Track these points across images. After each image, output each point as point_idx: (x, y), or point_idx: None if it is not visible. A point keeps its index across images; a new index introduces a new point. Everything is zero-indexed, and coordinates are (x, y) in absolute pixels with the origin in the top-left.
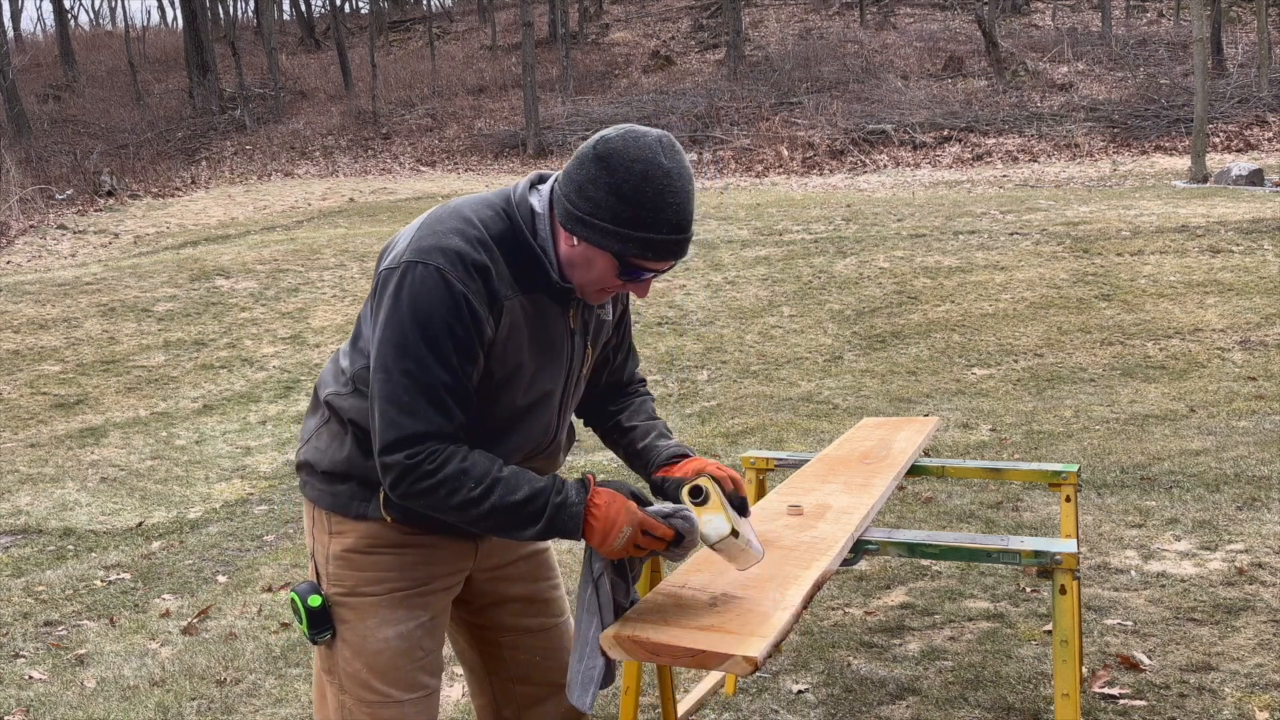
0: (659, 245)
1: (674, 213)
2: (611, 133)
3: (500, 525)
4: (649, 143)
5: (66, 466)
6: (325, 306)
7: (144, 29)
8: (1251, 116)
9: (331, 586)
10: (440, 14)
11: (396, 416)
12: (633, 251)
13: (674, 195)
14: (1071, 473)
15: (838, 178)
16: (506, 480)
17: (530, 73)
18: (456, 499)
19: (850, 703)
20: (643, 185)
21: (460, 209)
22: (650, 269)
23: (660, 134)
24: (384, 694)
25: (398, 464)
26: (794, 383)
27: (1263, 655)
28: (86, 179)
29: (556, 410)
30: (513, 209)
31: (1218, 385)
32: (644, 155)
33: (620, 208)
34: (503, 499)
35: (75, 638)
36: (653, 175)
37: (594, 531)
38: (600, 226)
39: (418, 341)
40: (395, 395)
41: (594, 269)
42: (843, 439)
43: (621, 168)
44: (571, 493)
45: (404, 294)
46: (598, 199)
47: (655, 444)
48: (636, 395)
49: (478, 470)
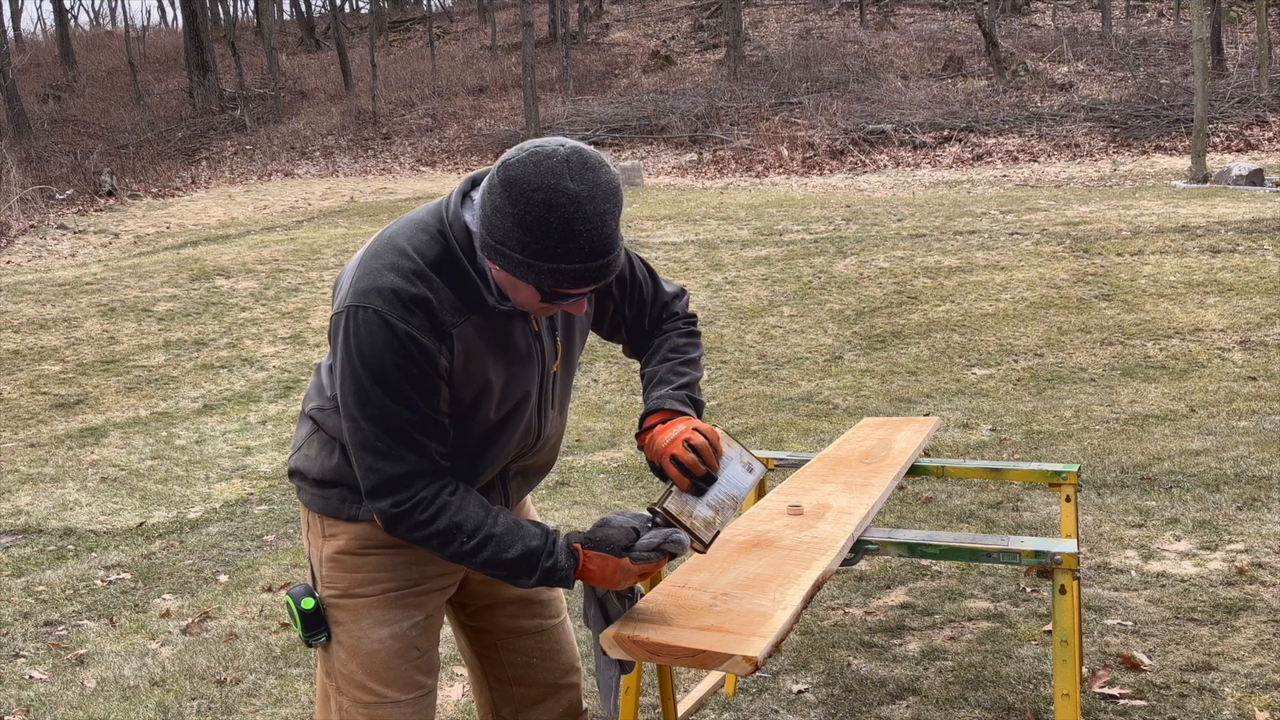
0: (574, 275)
1: (585, 240)
2: (513, 156)
3: (493, 575)
4: (553, 166)
5: (66, 466)
6: (325, 306)
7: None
8: (1251, 116)
9: (326, 588)
10: (440, 14)
11: (373, 462)
12: (547, 283)
13: (583, 222)
14: (1071, 473)
15: (838, 178)
16: (499, 538)
17: (530, 73)
18: (449, 551)
19: (850, 703)
20: (546, 216)
21: (394, 239)
22: (571, 294)
23: (570, 150)
24: (380, 694)
25: (385, 512)
26: (794, 383)
27: (1263, 655)
28: (86, 179)
29: (536, 409)
30: (447, 229)
31: (1218, 385)
32: (546, 182)
33: (527, 239)
34: (495, 555)
35: (75, 638)
36: (556, 204)
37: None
38: (512, 257)
39: (373, 387)
40: (368, 442)
41: (520, 294)
42: (843, 439)
43: (523, 198)
44: (561, 557)
45: (351, 342)
46: (505, 229)
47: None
48: (661, 332)
49: (470, 524)
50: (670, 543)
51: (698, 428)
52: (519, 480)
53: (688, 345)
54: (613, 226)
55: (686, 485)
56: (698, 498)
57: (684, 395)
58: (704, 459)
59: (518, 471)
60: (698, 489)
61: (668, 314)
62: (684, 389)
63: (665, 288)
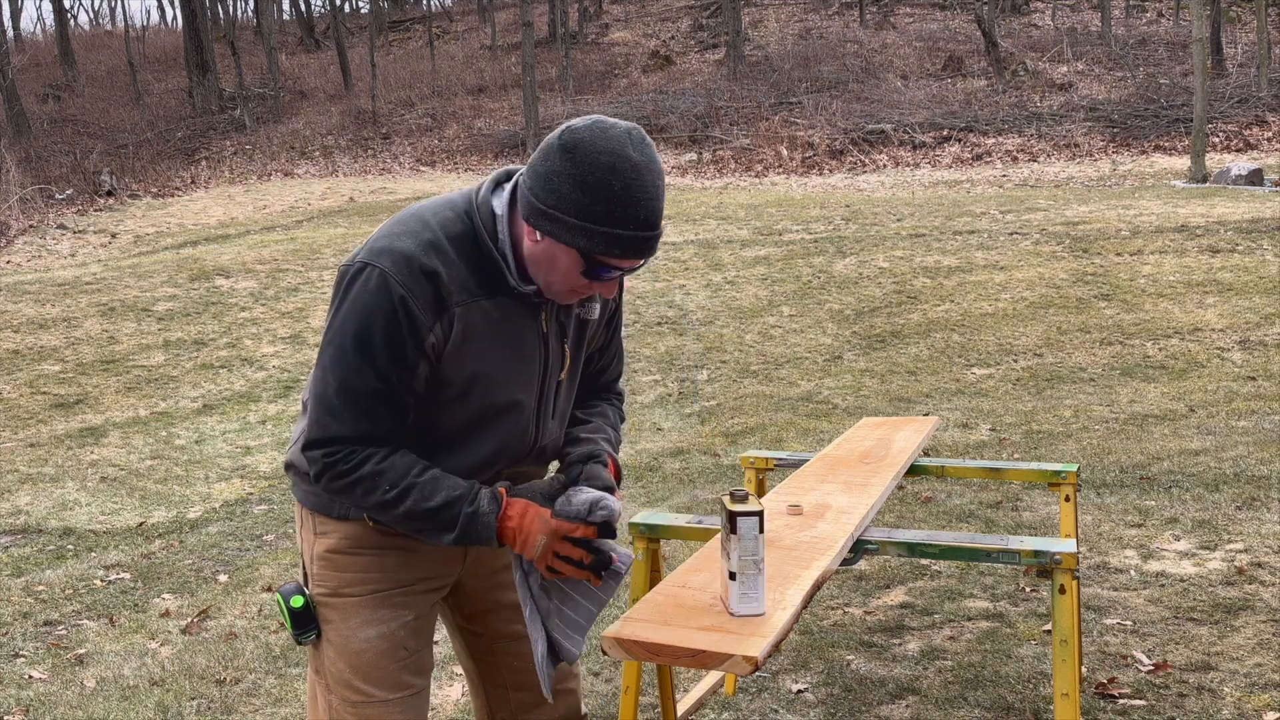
0: (626, 242)
1: (642, 208)
2: (578, 123)
3: (418, 529)
4: (617, 134)
5: (66, 466)
6: (325, 306)
7: (144, 29)
8: (1251, 116)
9: (316, 586)
10: (440, 14)
11: (322, 417)
12: (598, 248)
13: (642, 190)
14: (1071, 472)
15: (837, 177)
16: (422, 485)
17: (530, 73)
18: (372, 499)
19: (850, 702)
20: (609, 178)
21: (420, 212)
22: (617, 267)
23: (630, 126)
24: (367, 694)
25: (317, 460)
26: (793, 382)
27: (1262, 655)
28: (86, 179)
29: (533, 417)
30: (473, 210)
31: (1217, 385)
32: (612, 147)
33: (586, 202)
34: (416, 504)
35: (75, 637)
36: (620, 168)
37: (510, 541)
38: (565, 221)
39: (353, 348)
40: (326, 397)
41: (558, 266)
42: (842, 439)
43: (588, 159)
44: (484, 502)
45: (349, 296)
46: (562, 192)
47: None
48: (600, 402)
49: (394, 472)
50: (601, 507)
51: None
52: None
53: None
54: (663, 203)
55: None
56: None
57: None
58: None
59: (508, 478)
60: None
61: (612, 384)
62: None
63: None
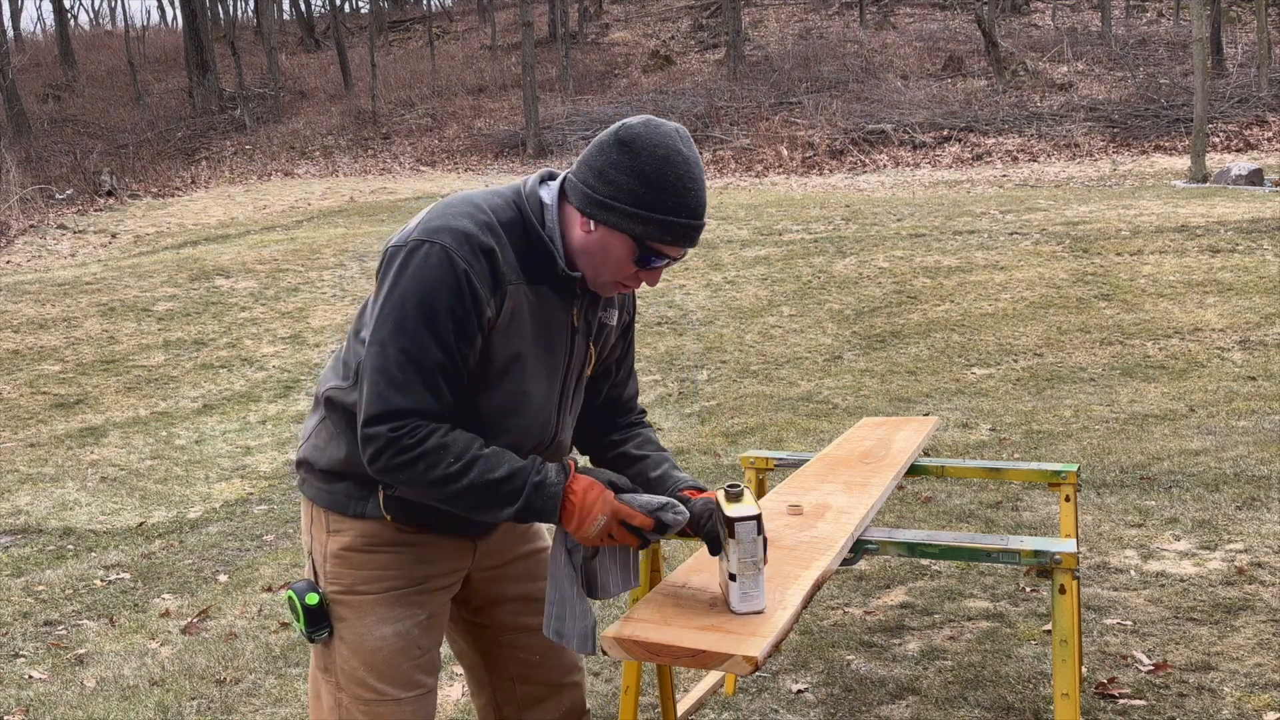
0: (678, 229)
1: (693, 198)
2: (634, 120)
3: (478, 503)
4: (669, 130)
5: (66, 466)
6: (325, 306)
7: (144, 29)
8: (1251, 116)
9: (329, 584)
10: (440, 14)
11: (386, 389)
12: (653, 234)
13: (693, 181)
14: (1071, 472)
15: (837, 177)
16: (487, 457)
17: (530, 72)
18: (435, 473)
19: (850, 702)
20: (664, 169)
21: (471, 197)
22: (666, 254)
23: (677, 125)
24: (381, 692)
25: (380, 436)
26: (794, 382)
27: (1262, 655)
28: (86, 179)
29: (556, 408)
30: (522, 200)
31: (1217, 385)
32: (665, 142)
33: (642, 190)
34: (481, 475)
35: (75, 637)
36: (674, 160)
37: (570, 516)
38: (621, 209)
39: (417, 319)
40: (388, 369)
41: (610, 255)
42: (842, 439)
43: (645, 152)
44: (551, 474)
45: (408, 271)
46: (619, 182)
47: (670, 474)
48: (641, 425)
49: (458, 446)
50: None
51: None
52: None
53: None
54: (706, 197)
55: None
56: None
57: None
58: None
59: None
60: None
61: (639, 407)
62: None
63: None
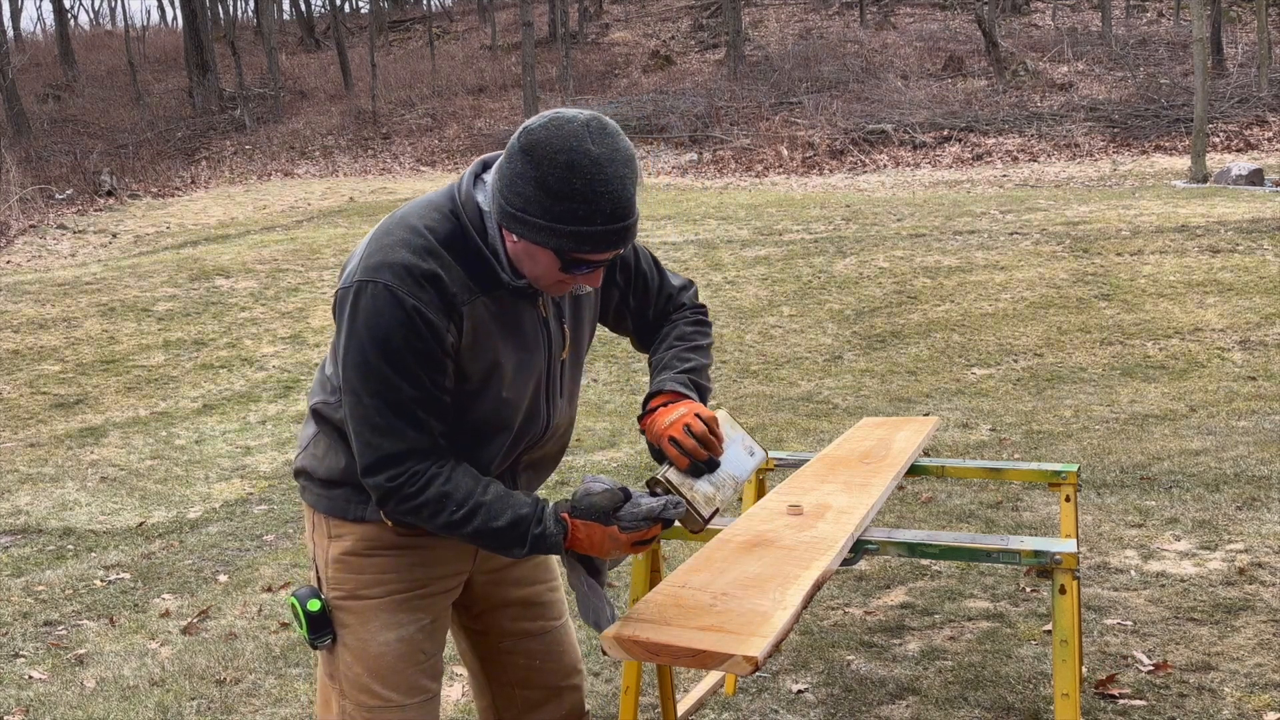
0: (596, 238)
1: (607, 202)
2: (535, 122)
3: (486, 545)
4: (575, 129)
5: (66, 466)
6: (325, 306)
7: (144, 29)
8: (1251, 116)
9: (332, 590)
10: (440, 14)
11: (372, 438)
12: (569, 246)
13: (605, 184)
14: (1071, 473)
15: (838, 177)
16: (489, 506)
17: (530, 72)
18: (439, 520)
19: (850, 702)
20: (569, 177)
21: (406, 218)
22: (592, 261)
23: (590, 117)
24: (385, 698)
25: (380, 486)
26: (794, 382)
27: (1263, 655)
28: (86, 179)
29: (544, 399)
30: (459, 209)
31: (1218, 385)
32: (569, 144)
33: (549, 202)
34: (485, 524)
35: (75, 638)
36: (580, 165)
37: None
38: (533, 223)
39: (379, 363)
40: (368, 417)
41: (538, 265)
42: (842, 439)
43: (546, 160)
44: (550, 524)
45: (360, 315)
46: (527, 194)
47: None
48: (667, 323)
49: (460, 492)
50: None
51: (699, 413)
52: (529, 473)
53: (695, 333)
54: (632, 191)
55: (685, 465)
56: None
57: (687, 379)
58: (705, 445)
59: (528, 464)
60: (696, 470)
61: (674, 305)
62: (688, 373)
63: (671, 279)
